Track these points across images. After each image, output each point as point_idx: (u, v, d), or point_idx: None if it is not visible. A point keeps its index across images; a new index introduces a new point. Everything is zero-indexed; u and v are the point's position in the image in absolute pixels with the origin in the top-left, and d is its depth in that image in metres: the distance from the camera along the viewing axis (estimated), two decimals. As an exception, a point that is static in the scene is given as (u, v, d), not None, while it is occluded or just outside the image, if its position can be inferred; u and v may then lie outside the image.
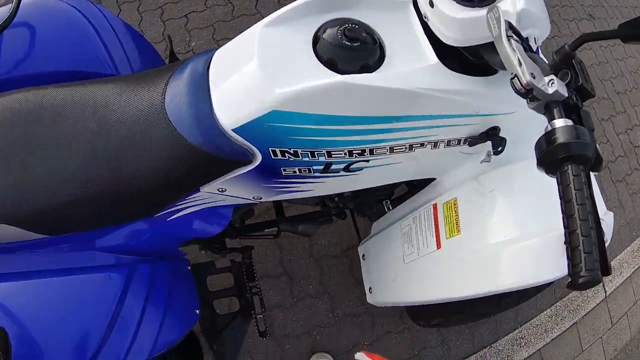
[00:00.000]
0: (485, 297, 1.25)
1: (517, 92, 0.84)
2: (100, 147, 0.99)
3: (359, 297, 2.43)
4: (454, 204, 1.29)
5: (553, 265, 1.08)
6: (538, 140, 0.83)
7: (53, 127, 1.01)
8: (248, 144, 0.98)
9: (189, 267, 1.38)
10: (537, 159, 0.83)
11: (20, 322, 0.94)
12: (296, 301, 2.41)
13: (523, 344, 2.70)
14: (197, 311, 1.28)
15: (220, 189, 1.13)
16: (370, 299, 1.80)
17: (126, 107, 1.01)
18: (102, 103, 1.02)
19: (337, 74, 0.93)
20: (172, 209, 1.16)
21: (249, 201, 1.24)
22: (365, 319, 2.47)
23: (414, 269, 1.45)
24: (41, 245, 1.06)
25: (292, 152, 1.01)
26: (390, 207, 1.64)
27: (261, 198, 1.23)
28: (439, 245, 1.33)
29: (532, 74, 0.81)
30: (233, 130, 0.95)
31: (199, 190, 1.11)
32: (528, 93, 0.83)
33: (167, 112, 0.98)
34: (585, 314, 2.96)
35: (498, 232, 1.16)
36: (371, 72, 0.96)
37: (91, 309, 1.01)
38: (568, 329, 2.84)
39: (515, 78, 0.82)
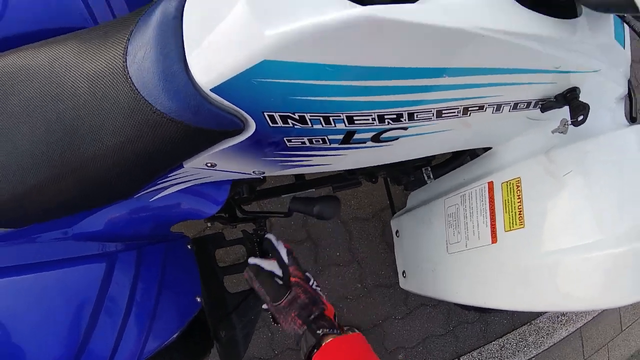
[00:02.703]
0: None
1: None
2: (55, 125, 0.84)
3: (392, 266, 2.31)
4: (517, 186, 1.08)
5: (638, 285, 0.92)
6: None
7: (5, 103, 0.88)
8: (235, 108, 0.77)
9: (189, 246, 1.25)
10: None
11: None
12: (321, 270, 2.28)
13: (564, 321, 2.69)
14: (199, 299, 1.19)
15: (208, 164, 0.94)
16: (403, 284, 1.65)
17: (83, 71, 0.84)
18: (57, 69, 0.86)
19: (358, 5, 0.68)
20: (154, 189, 1.01)
21: (249, 176, 1.06)
22: (397, 291, 2.35)
23: (459, 262, 1.26)
24: (16, 237, 0.97)
25: (296, 117, 0.80)
26: (432, 176, 1.44)
27: (264, 173, 1.04)
28: (494, 239, 1.13)
29: None
30: (212, 90, 0.74)
31: (182, 166, 0.93)
32: None
33: (128, 72, 0.79)
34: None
35: (573, 234, 0.98)
36: (410, 2, 0.71)
37: (70, 306, 0.93)
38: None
39: None
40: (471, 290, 1.22)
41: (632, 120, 1.10)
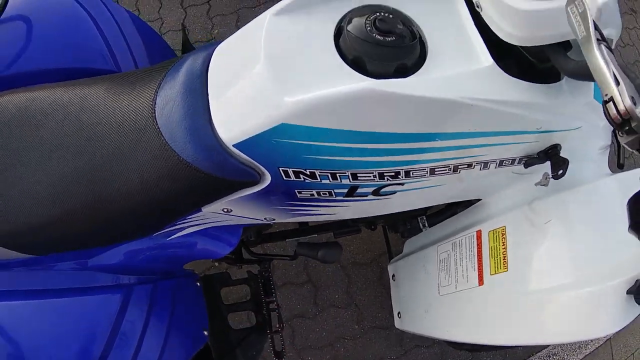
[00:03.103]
0: None
1: (611, 120, 0.65)
2: (82, 160, 0.89)
3: (388, 309, 2.28)
4: (502, 234, 1.14)
5: (613, 319, 0.99)
6: (633, 197, 0.65)
7: (35, 135, 0.93)
8: (253, 162, 0.84)
9: (198, 283, 1.31)
10: (631, 222, 0.66)
11: (11, 344, 0.90)
12: (320, 311, 2.28)
13: None
14: (206, 332, 1.22)
15: (225, 209, 1.00)
16: (398, 324, 1.67)
17: (113, 114, 0.90)
18: (87, 108, 0.91)
19: (365, 77, 0.76)
20: (172, 229, 1.06)
21: (261, 222, 1.12)
22: (393, 332, 2.33)
23: (449, 303, 1.32)
24: (35, 263, 1.00)
25: (307, 173, 0.87)
26: (427, 225, 1.46)
27: (274, 219, 1.10)
28: (481, 282, 1.19)
29: (632, 97, 0.62)
30: (234, 146, 0.81)
31: (200, 210, 0.99)
32: (624, 124, 0.64)
33: (157, 122, 0.86)
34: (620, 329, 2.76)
35: (551, 275, 1.04)
36: (409, 76, 0.79)
37: (84, 334, 0.95)
38: (602, 345, 2.74)
39: (611, 103, 0.63)
40: (460, 328, 1.26)
41: (619, 167, 1.16)
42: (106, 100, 0.92)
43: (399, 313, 1.65)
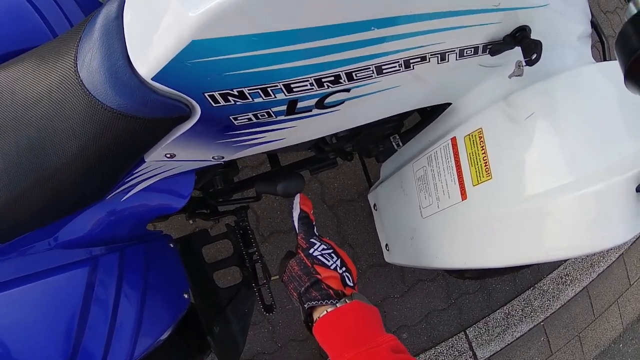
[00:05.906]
0: None
1: None
2: (22, 138, 0.88)
3: None
4: (480, 137, 1.03)
5: (625, 223, 0.86)
6: (621, 33, 0.56)
7: None
8: (177, 93, 0.79)
9: (172, 245, 1.27)
10: (625, 68, 0.56)
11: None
12: None
13: (569, 281, 2.63)
14: (186, 295, 1.20)
15: (168, 155, 0.95)
16: (388, 257, 1.59)
17: (40, 83, 0.87)
18: (19, 86, 0.90)
19: None
20: (122, 188, 1.03)
21: (210, 162, 1.06)
22: (392, 269, 2.32)
23: (434, 225, 1.22)
24: (4, 252, 0.99)
25: (235, 93, 0.80)
26: (400, 144, 1.37)
27: (223, 157, 1.04)
28: (464, 195, 1.09)
29: None
30: (153, 79, 0.76)
31: (144, 161, 0.95)
32: None
33: (79, 75, 0.82)
34: (632, 242, 2.82)
35: (545, 177, 0.92)
36: None
37: (55, 317, 0.94)
38: (615, 261, 2.73)
39: None
40: (449, 252, 1.18)
41: None
42: (34, 73, 0.89)
43: (386, 245, 1.59)
